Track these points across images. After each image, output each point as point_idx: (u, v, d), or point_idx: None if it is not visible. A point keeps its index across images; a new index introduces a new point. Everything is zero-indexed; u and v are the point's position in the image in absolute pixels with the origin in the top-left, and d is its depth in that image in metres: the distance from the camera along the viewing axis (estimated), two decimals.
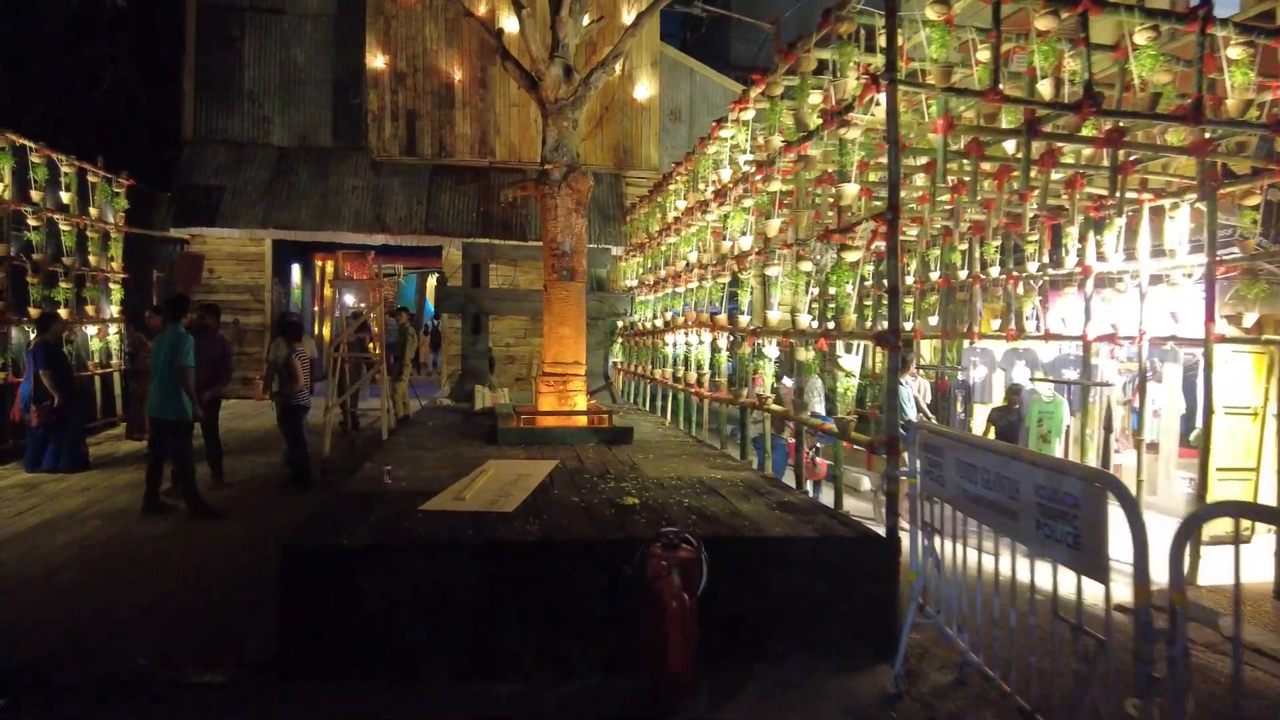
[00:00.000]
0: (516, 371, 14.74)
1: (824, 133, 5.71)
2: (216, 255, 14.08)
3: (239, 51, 14.15)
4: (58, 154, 9.81)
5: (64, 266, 10.04)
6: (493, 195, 14.38)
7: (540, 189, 8.60)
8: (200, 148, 14.00)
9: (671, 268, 10.26)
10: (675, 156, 15.51)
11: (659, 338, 10.74)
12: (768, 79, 6.61)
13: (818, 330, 5.57)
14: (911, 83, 5.03)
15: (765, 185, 6.49)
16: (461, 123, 14.12)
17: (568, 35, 8.75)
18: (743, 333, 7.09)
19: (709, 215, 8.33)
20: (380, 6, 13.84)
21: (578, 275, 8.52)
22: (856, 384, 5.33)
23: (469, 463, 6.55)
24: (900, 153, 4.83)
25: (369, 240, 13.89)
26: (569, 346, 8.44)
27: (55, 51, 12.40)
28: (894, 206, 4.76)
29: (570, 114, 8.67)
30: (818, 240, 5.52)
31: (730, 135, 7.75)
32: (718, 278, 7.85)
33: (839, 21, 5.25)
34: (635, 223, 13.57)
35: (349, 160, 14.34)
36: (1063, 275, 9.00)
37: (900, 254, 4.76)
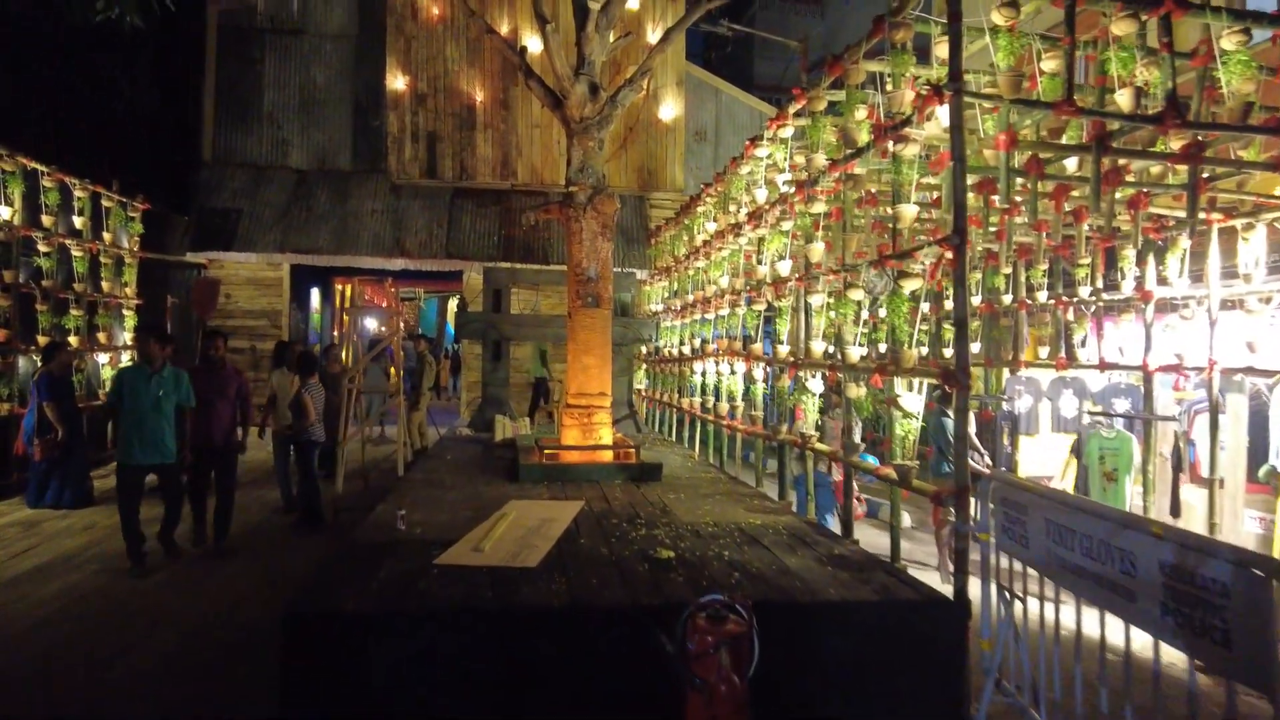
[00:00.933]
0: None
1: (873, 150, 5.26)
2: (234, 280, 13.83)
3: (259, 73, 13.98)
4: (71, 177, 9.57)
5: (75, 293, 9.77)
6: (514, 218, 14.05)
7: (564, 211, 8.20)
8: (219, 170, 13.80)
9: (700, 293, 9.82)
10: (701, 178, 15.18)
11: (686, 365, 10.28)
12: (809, 93, 6.17)
13: (872, 364, 5.07)
14: (978, 94, 4.56)
15: (807, 207, 6.03)
16: (483, 145, 13.83)
17: (593, 52, 8.39)
18: (782, 364, 6.61)
19: (742, 238, 7.88)
20: (401, 27, 13.63)
21: (603, 302, 8.09)
22: (919, 426, 4.81)
23: (489, 503, 6.10)
24: (965, 171, 4.35)
25: (388, 265, 13.60)
26: (594, 376, 8.00)
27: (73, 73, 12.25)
28: (960, 230, 4.28)
29: (596, 133, 8.28)
30: (871, 266, 5.04)
31: (766, 154, 7.32)
32: (752, 304, 7.38)
33: (894, 29, 4.80)
34: (660, 246, 13.16)
35: (368, 183, 14.08)
36: (1119, 301, 8.46)
37: (964, 281, 4.26)
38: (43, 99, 11.64)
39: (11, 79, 11.09)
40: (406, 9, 13.62)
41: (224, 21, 13.86)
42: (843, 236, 5.60)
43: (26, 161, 8.71)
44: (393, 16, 13.61)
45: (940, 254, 4.37)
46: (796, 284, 6.37)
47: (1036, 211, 6.17)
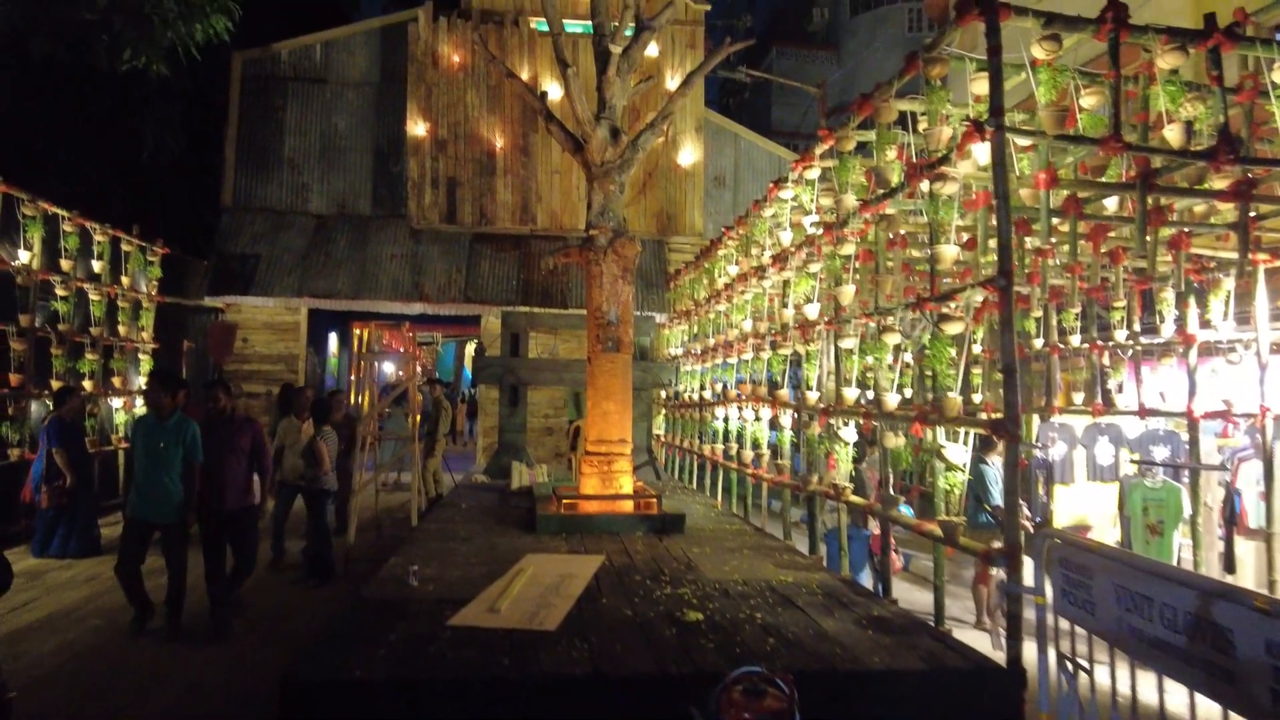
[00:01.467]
0: (555, 444, 14.06)
1: (905, 190, 5.07)
2: (251, 324, 13.79)
3: (280, 120, 14.12)
4: (91, 222, 9.58)
5: (91, 337, 9.70)
6: (533, 263, 13.97)
7: (585, 255, 8.05)
8: (239, 215, 13.86)
9: (721, 336, 9.61)
10: (719, 222, 15.08)
11: (708, 411, 10.02)
12: (836, 133, 6.01)
13: (910, 412, 4.80)
14: (1021, 130, 4.37)
15: (837, 249, 5.83)
16: (503, 190, 13.82)
17: (614, 96, 8.33)
18: (811, 410, 6.34)
19: (766, 281, 7.69)
20: (422, 75, 13.75)
21: (624, 346, 7.89)
22: (965, 479, 4.52)
23: (505, 556, 5.83)
24: (1009, 210, 4.13)
25: (406, 309, 13.52)
26: (614, 423, 7.75)
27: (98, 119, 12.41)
28: (1006, 272, 4.05)
29: (617, 177, 8.18)
30: (909, 309, 4.81)
31: (791, 196, 7.15)
32: (778, 348, 7.14)
33: (929, 64, 4.64)
34: (680, 289, 13.01)
35: (388, 228, 14.08)
36: (1158, 344, 8.17)
37: (1011, 325, 4.01)
38: (68, 144, 11.77)
39: (38, 124, 11.24)
40: (428, 57, 13.76)
41: (248, 70, 14.05)
42: (875, 279, 5.38)
43: (48, 206, 8.71)
44: (414, 64, 13.75)
45: (984, 296, 4.12)
46: (826, 327, 6.14)
47: (1076, 252, 5.95)
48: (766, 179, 15.64)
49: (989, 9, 4.18)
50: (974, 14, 4.26)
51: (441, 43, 13.80)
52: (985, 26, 4.22)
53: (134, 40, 9.97)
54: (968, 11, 4.27)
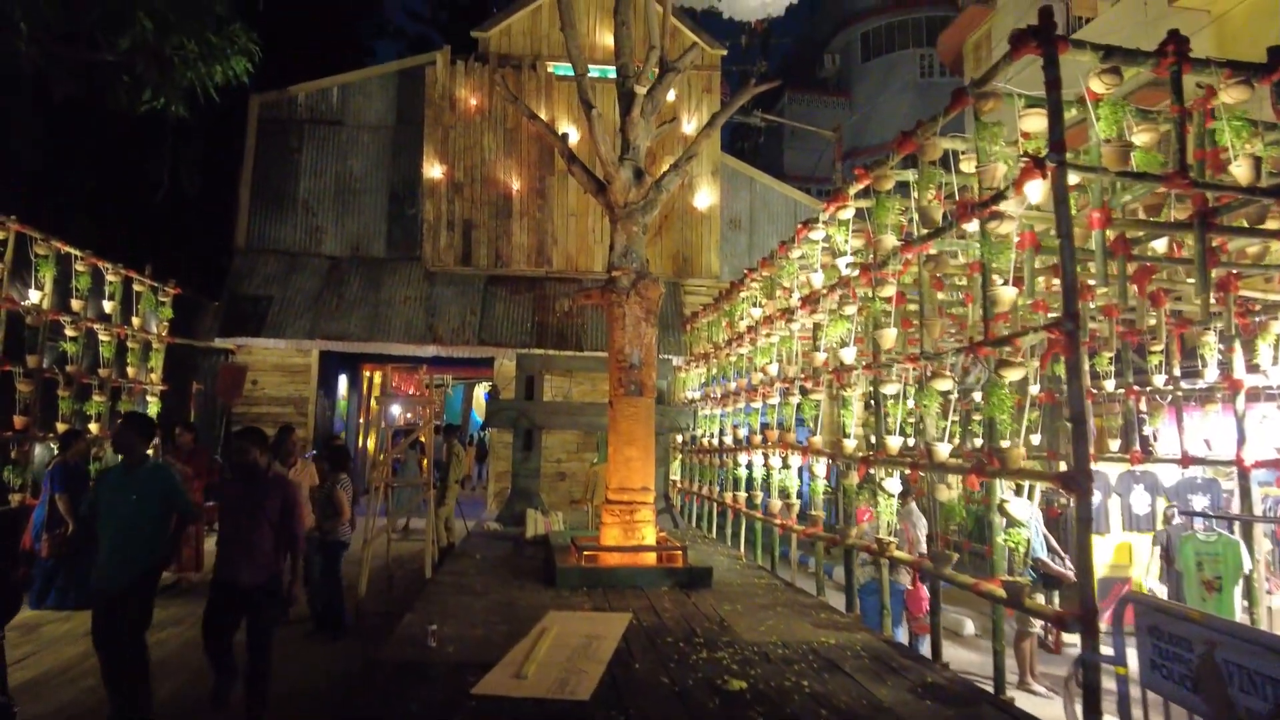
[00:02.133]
0: (569, 490, 13.71)
1: (953, 230, 4.86)
2: (261, 366, 13.58)
3: (296, 162, 14.10)
4: (104, 262, 9.43)
5: (99, 378, 9.48)
6: (548, 305, 13.80)
7: (607, 297, 7.84)
8: (252, 257, 13.76)
9: (744, 380, 9.34)
10: (735, 265, 14.94)
11: (729, 456, 9.71)
12: (873, 172, 5.82)
13: (966, 464, 4.51)
14: (1084, 166, 4.15)
15: (876, 290, 5.60)
16: (519, 232, 13.72)
17: (638, 137, 8.21)
18: (849, 460, 6.04)
19: (795, 324, 7.45)
20: (439, 118, 13.75)
21: (646, 390, 7.63)
22: (1030, 536, 4.22)
23: (525, 614, 5.50)
24: (1073, 250, 3.90)
25: (419, 352, 13.31)
26: (637, 470, 7.45)
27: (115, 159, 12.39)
28: (1073, 314, 3.80)
29: (641, 218, 8.00)
30: (963, 354, 4.55)
31: (822, 237, 6.95)
32: (810, 394, 6.87)
33: (981, 99, 4.45)
34: (697, 332, 12.78)
35: (402, 270, 13.96)
36: (1200, 390, 7.87)
37: (1080, 371, 3.74)
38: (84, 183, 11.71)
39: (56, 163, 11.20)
40: (445, 100, 13.78)
41: (265, 113, 14.08)
42: (923, 321, 5.13)
43: (60, 245, 8.57)
44: (431, 108, 13.76)
45: (1048, 340, 3.86)
46: (865, 373, 5.88)
47: (1126, 295, 5.69)
48: (782, 222, 15.55)
49: (1047, 41, 4.00)
50: (1030, 47, 4.08)
51: (459, 86, 13.83)
52: (1043, 60, 4.04)
53: (154, 82, 9.96)
54: (1024, 44, 4.09)
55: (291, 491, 5.02)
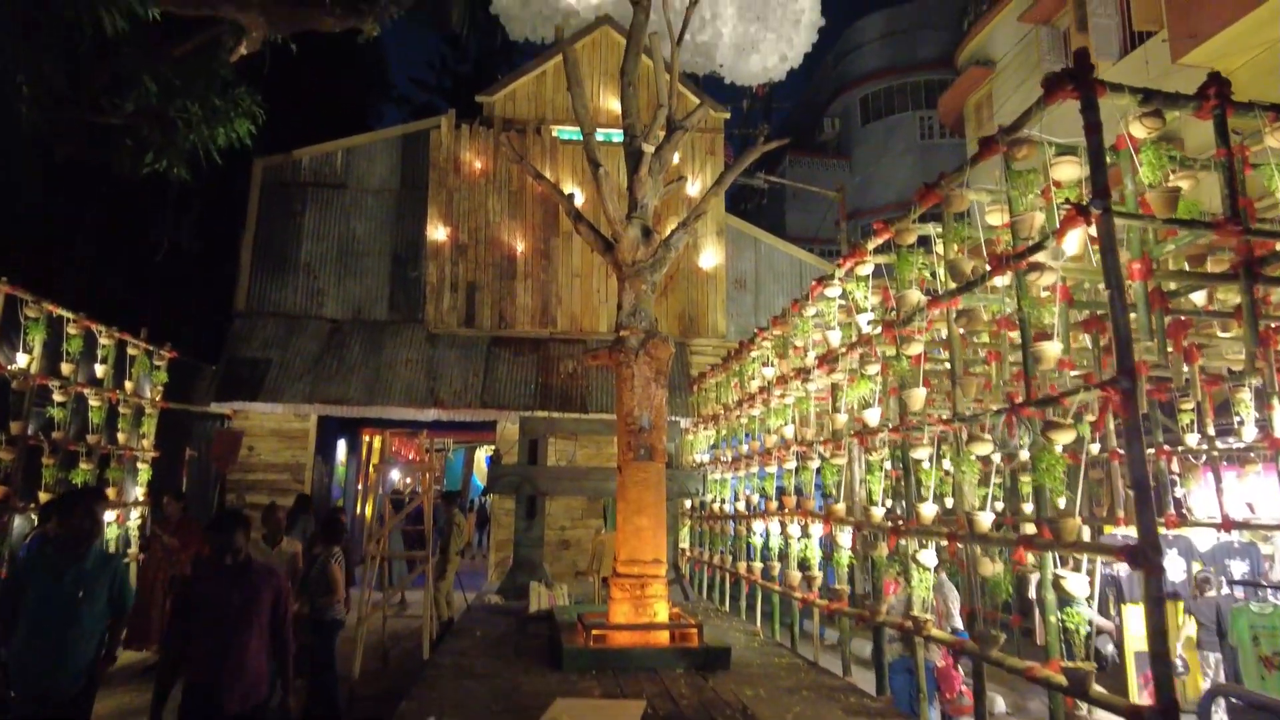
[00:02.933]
0: (573, 560, 13.20)
1: (984, 284, 4.59)
2: (258, 432, 13.22)
3: (298, 225, 14.01)
4: (97, 325, 9.18)
5: (87, 445, 9.13)
6: (552, 366, 13.53)
7: (615, 357, 7.55)
8: (251, 320, 13.54)
9: (757, 443, 8.99)
10: (741, 325, 14.72)
11: (743, 524, 9.29)
12: (895, 226, 5.60)
13: (1013, 536, 4.15)
14: (1130, 214, 3.91)
15: (902, 348, 5.31)
16: (523, 293, 13.55)
17: (646, 196, 8.05)
18: (877, 529, 5.66)
19: (812, 384, 7.14)
20: (444, 181, 13.72)
21: (657, 454, 7.27)
22: (1089, 615, 3.83)
23: (531, 700, 5.05)
24: (1124, 301, 3.62)
25: (420, 415, 12.97)
26: (648, 540, 7.04)
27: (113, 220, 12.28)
28: (1129, 371, 3.50)
29: (649, 277, 7.78)
30: (1003, 415, 4.23)
31: (838, 294, 6.71)
32: (831, 459, 6.52)
33: (1015, 146, 4.23)
34: (705, 392, 12.48)
35: (404, 333, 13.73)
36: (1238, 450, 7.51)
37: (1139, 432, 3.42)
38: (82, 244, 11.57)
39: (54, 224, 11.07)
40: (450, 163, 13.77)
41: (268, 176, 14.05)
42: (957, 381, 4.83)
43: (52, 308, 8.33)
44: (436, 170, 13.74)
45: (1107, 397, 3.55)
46: (891, 435, 5.54)
47: (1166, 351, 5.40)
48: (788, 282, 15.40)
49: (1085, 85, 3.80)
50: (1067, 90, 3.87)
51: (464, 149, 13.84)
52: (1081, 103, 3.83)
53: (157, 144, 9.89)
54: (1060, 88, 3.89)
55: (282, 585, 4.23)
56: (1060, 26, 14.39)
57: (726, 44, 16.46)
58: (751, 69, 16.94)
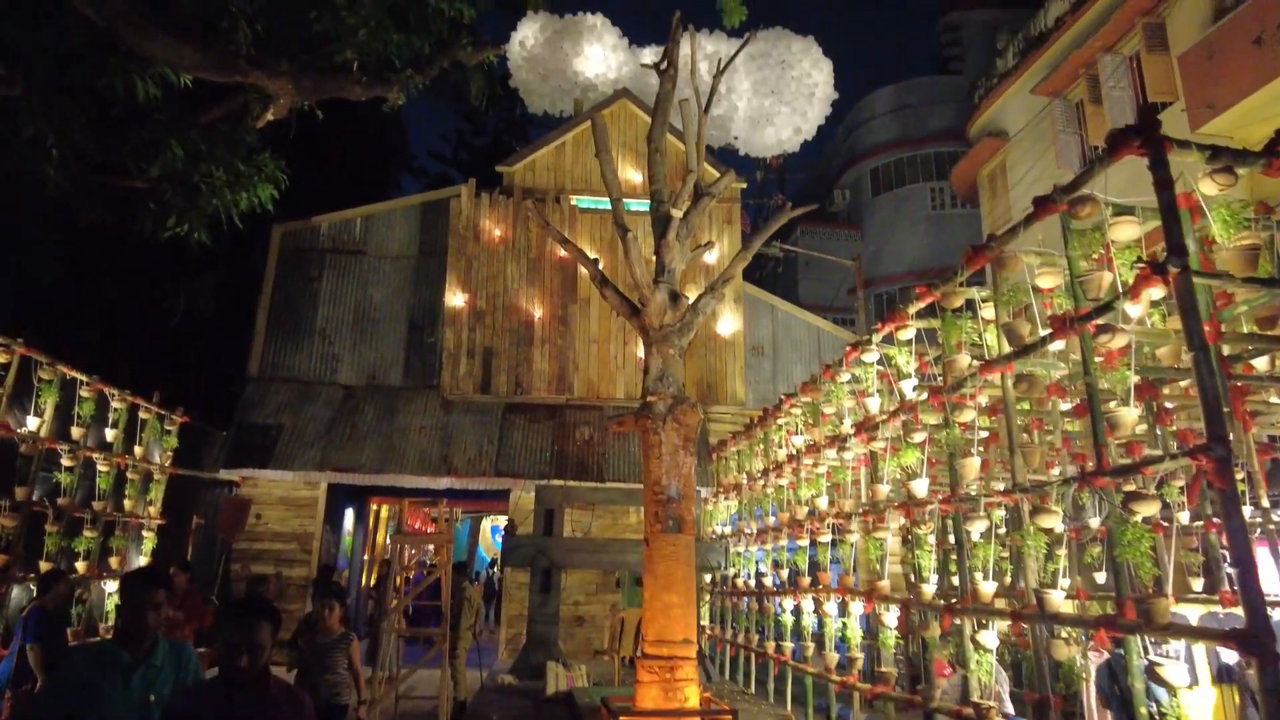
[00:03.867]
0: (587, 636, 12.68)
1: (1041, 348, 4.38)
2: (266, 500, 12.91)
3: (315, 290, 13.97)
4: (110, 388, 9.01)
5: (93, 512, 8.85)
6: (569, 434, 13.26)
7: (641, 423, 7.30)
8: (264, 385, 13.37)
9: (786, 514, 8.65)
10: (759, 392, 14.49)
11: (771, 600, 8.88)
12: (941, 289, 5.43)
13: (1092, 615, 3.83)
14: (1210, 274, 3.72)
15: (955, 415, 5.07)
16: (539, 359, 13.39)
17: (673, 260, 7.95)
18: (928, 608, 5.31)
19: (848, 453, 6.87)
20: (463, 248, 13.73)
21: (686, 526, 6.95)
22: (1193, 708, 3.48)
23: None
24: (1212, 364, 3.40)
25: (433, 484, 12.66)
26: (677, 619, 6.65)
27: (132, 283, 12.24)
28: (1221, 438, 3.26)
29: (677, 341, 7.61)
30: (1074, 485, 3.96)
31: (875, 359, 6.50)
32: (873, 531, 6.20)
33: (1078, 204, 4.08)
34: (725, 461, 12.17)
35: (418, 399, 13.53)
36: None
37: (1237, 504, 3.15)
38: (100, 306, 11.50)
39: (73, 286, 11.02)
40: (469, 230, 13.81)
41: (286, 241, 14.09)
42: (1017, 449, 4.57)
43: (66, 370, 8.17)
44: (455, 238, 13.77)
45: (1199, 468, 3.29)
46: (943, 507, 5.25)
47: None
48: (806, 349, 15.24)
49: (1153, 141, 3.67)
50: (1133, 147, 3.74)
51: (483, 217, 13.90)
52: (1149, 160, 3.69)
53: (179, 208, 9.89)
54: (1125, 145, 3.76)
55: (305, 706, 3.10)
56: (1073, 99, 14.57)
57: (742, 117, 16.69)
58: (766, 141, 17.13)
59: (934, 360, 6.79)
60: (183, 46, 8.44)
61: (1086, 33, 13.60)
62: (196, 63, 8.69)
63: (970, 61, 25.57)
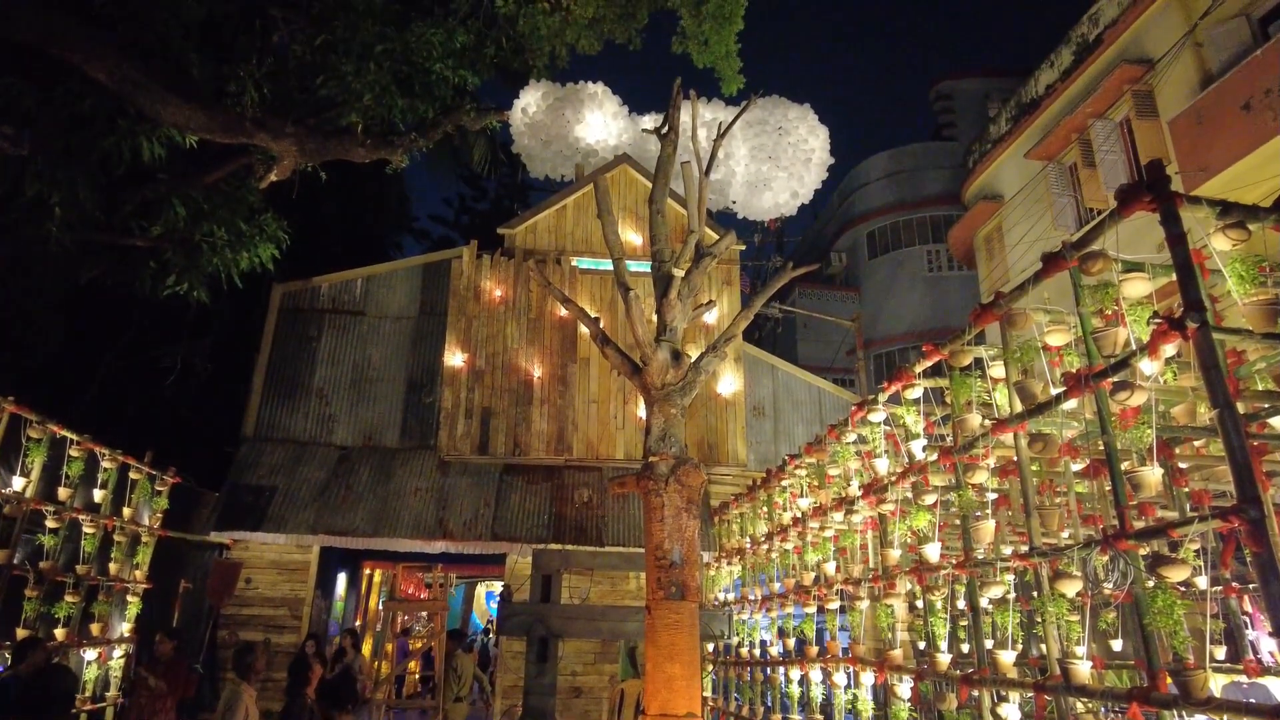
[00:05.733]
0: (585, 708, 12.22)
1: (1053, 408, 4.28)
2: (257, 563, 12.58)
3: (313, 350, 13.91)
4: (101, 447, 8.84)
5: (76, 575, 8.58)
6: (567, 495, 13.03)
7: (643, 485, 7.12)
8: (259, 445, 13.19)
9: (792, 580, 8.40)
10: (760, 453, 14.32)
11: (776, 671, 8.55)
12: (948, 347, 5.35)
13: (1121, 688, 3.63)
14: (1229, 329, 3.65)
15: (967, 476, 4.93)
16: (538, 419, 13.25)
17: (675, 319, 7.89)
18: (945, 678, 5.08)
19: (856, 516, 6.70)
20: (463, 308, 13.74)
21: (690, 593, 6.71)
22: None
23: None
24: (1238, 420, 3.29)
25: (428, 547, 12.37)
26: (680, 691, 6.37)
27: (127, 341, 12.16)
28: (1254, 499, 3.13)
29: (679, 400, 7.49)
30: (1096, 548, 3.81)
31: (882, 419, 6.39)
32: (884, 598, 5.99)
33: (1089, 260, 4.03)
34: (727, 524, 11.92)
35: (414, 460, 13.33)
36: None
37: (1277, 571, 3.01)
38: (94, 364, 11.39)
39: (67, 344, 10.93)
40: (470, 291, 13.83)
41: (286, 302, 14.09)
42: (1034, 512, 4.42)
43: (56, 429, 8.02)
44: (456, 298, 13.79)
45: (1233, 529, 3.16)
46: (957, 572, 5.07)
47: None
48: (807, 410, 15.12)
49: (1164, 197, 3.64)
50: (1143, 203, 3.71)
51: (484, 278, 13.95)
52: (1161, 216, 3.65)
53: (179, 267, 9.88)
54: (1135, 200, 3.73)
55: None
56: (1066, 162, 14.80)
57: (740, 181, 16.92)
58: (764, 204, 17.33)
59: (940, 420, 6.69)
60: (192, 109, 8.55)
61: (1077, 99, 13.90)
62: (204, 124, 8.80)
63: (963, 128, 26.13)
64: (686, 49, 16.15)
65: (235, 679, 6.50)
